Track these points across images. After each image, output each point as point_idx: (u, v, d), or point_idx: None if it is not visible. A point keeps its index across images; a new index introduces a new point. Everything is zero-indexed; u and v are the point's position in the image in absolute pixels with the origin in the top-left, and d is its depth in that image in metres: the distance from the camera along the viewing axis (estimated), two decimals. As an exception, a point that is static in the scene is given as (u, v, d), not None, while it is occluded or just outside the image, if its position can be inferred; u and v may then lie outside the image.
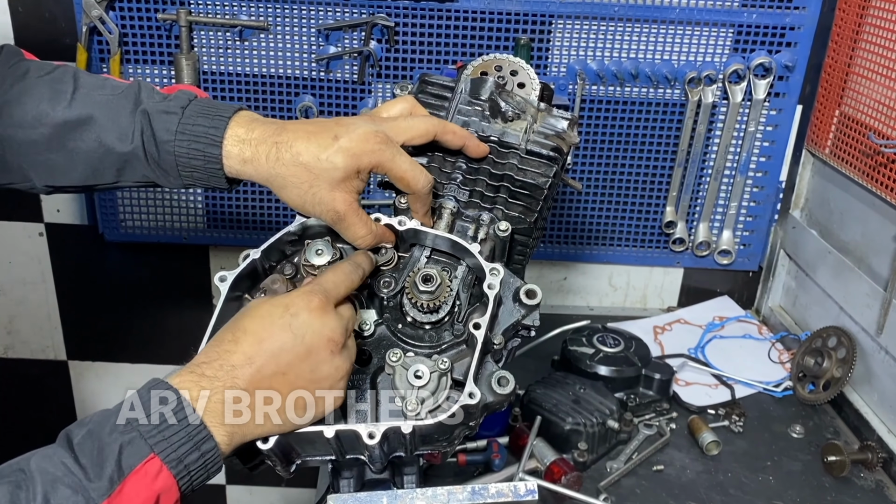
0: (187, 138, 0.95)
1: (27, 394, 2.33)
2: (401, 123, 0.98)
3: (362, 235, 0.96)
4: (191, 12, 1.80)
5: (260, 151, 0.93)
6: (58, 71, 1.02)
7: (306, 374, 0.85)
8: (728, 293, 2.17)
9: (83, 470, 0.73)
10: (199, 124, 0.95)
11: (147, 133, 0.96)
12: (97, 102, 0.98)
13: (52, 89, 0.98)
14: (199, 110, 0.96)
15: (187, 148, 0.95)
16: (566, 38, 1.86)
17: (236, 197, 2.00)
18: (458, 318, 0.98)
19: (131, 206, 2.02)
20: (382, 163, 0.94)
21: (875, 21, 1.65)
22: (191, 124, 0.95)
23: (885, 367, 1.63)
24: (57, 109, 0.97)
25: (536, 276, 2.16)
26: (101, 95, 0.98)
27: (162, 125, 0.95)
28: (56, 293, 2.18)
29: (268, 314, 0.85)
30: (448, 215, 1.03)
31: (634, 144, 1.97)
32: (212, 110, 0.96)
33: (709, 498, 1.48)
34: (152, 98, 0.98)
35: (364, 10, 1.80)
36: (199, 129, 0.94)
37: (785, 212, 2.01)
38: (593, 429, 1.51)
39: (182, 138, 0.95)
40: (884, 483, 1.53)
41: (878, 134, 1.62)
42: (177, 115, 0.95)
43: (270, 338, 0.84)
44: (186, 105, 0.96)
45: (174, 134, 0.95)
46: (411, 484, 1.04)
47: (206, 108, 0.96)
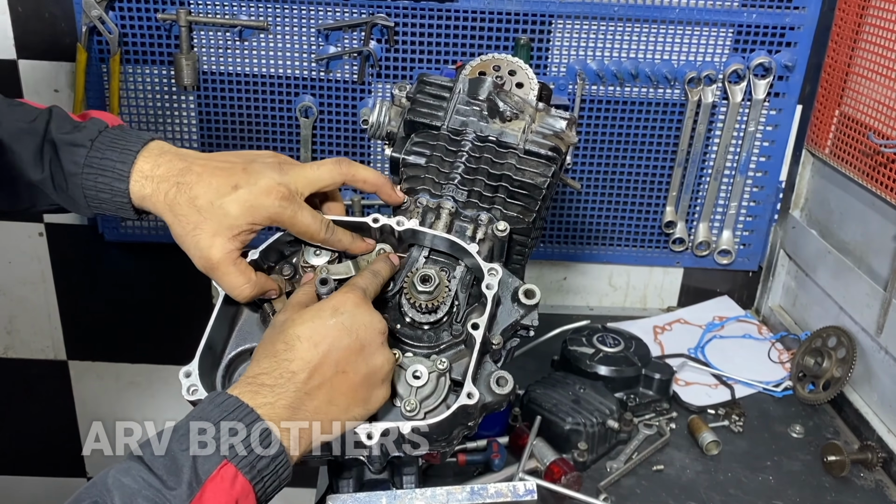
0: (94, 172, 0.93)
1: (27, 394, 2.33)
2: (307, 173, 0.97)
3: (238, 286, 0.94)
4: (191, 12, 1.80)
5: (160, 189, 0.92)
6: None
7: (363, 369, 0.86)
8: (728, 293, 2.17)
9: (161, 480, 0.73)
10: (107, 157, 0.93)
11: (55, 164, 0.95)
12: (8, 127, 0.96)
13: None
14: (108, 142, 0.94)
15: (94, 181, 0.94)
16: (566, 38, 1.86)
17: (236, 197, 2.00)
18: (457, 318, 0.98)
19: (131, 207, 2.02)
20: (282, 219, 0.94)
21: (875, 21, 1.65)
22: (98, 157, 0.93)
23: (885, 367, 1.63)
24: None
25: (536, 276, 2.16)
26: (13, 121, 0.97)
27: (69, 157, 0.94)
28: (56, 293, 2.18)
29: (318, 317, 0.86)
30: (446, 215, 1.03)
31: (634, 144, 1.97)
32: (120, 142, 0.94)
33: (709, 498, 1.48)
34: (62, 128, 0.96)
35: (364, 10, 1.80)
36: (107, 162, 0.93)
37: (785, 212, 2.01)
38: (593, 429, 1.51)
39: (89, 171, 0.93)
40: (884, 483, 1.53)
41: (878, 134, 1.61)
42: (85, 148, 0.94)
43: (326, 339, 0.84)
44: (95, 137, 0.95)
45: (81, 167, 0.94)
46: (410, 484, 1.04)
47: (115, 139, 0.95)
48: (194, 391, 0.88)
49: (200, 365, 0.90)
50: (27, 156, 0.95)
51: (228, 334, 0.97)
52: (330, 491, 1.05)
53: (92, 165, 0.93)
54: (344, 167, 0.99)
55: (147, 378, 2.31)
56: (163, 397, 2.34)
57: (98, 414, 2.37)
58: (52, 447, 2.38)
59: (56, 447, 2.38)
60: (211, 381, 0.92)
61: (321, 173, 0.98)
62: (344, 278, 0.99)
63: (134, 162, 0.93)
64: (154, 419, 2.49)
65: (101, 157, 0.93)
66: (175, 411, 2.33)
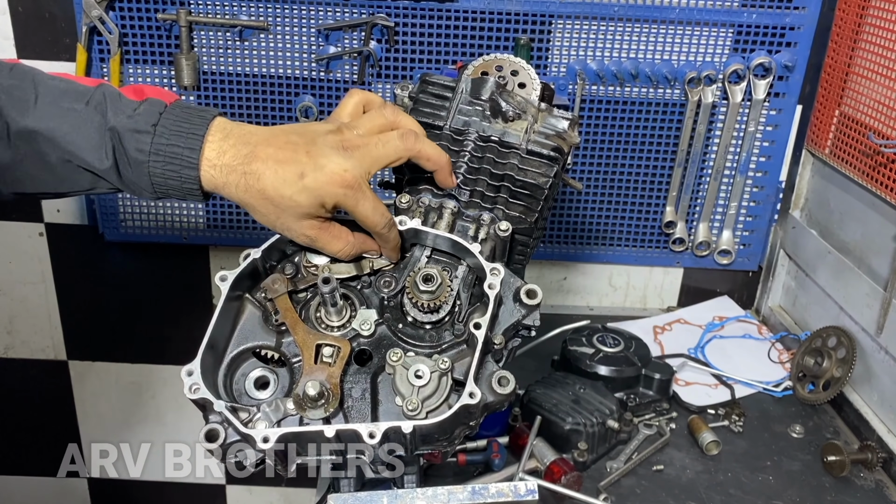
0: (162, 160, 0.92)
1: (27, 394, 2.33)
2: (372, 152, 0.95)
3: (339, 249, 0.97)
4: (191, 12, 1.80)
5: (230, 180, 0.92)
6: (15, 72, 0.96)
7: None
8: (728, 293, 2.18)
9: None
10: (174, 143, 0.92)
11: (119, 152, 0.93)
12: (63, 112, 0.93)
13: (12, 97, 0.93)
14: (171, 126, 0.93)
15: (163, 169, 0.92)
16: (566, 38, 1.86)
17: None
18: (459, 317, 0.98)
19: (131, 206, 2.02)
20: (345, 206, 0.94)
21: (875, 21, 1.65)
22: (165, 143, 0.92)
23: (885, 367, 1.63)
24: (22, 119, 0.92)
25: (536, 276, 2.16)
26: (66, 104, 0.94)
27: (134, 145, 0.92)
28: (56, 293, 2.18)
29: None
30: (448, 215, 1.03)
31: (634, 144, 1.97)
32: (185, 125, 0.93)
33: (709, 498, 1.48)
34: (120, 111, 0.93)
35: (364, 10, 1.81)
36: (175, 149, 0.92)
37: (785, 212, 2.01)
38: (593, 429, 1.51)
39: (157, 159, 0.92)
40: (884, 483, 1.53)
41: (878, 134, 1.62)
42: (149, 134, 0.92)
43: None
44: (157, 121, 0.93)
45: (148, 155, 0.92)
46: (411, 484, 1.05)
47: (177, 122, 0.93)
48: (196, 390, 0.88)
49: (202, 364, 0.89)
50: (87, 142, 0.93)
51: (230, 333, 0.97)
52: (331, 490, 1.05)
53: (158, 153, 0.92)
54: (409, 142, 0.97)
55: (147, 378, 2.31)
56: (163, 397, 2.34)
57: (98, 414, 2.38)
58: (52, 447, 2.37)
59: (56, 447, 2.37)
60: (212, 379, 0.92)
61: (387, 151, 0.96)
62: (346, 277, 0.99)
63: (202, 148, 0.92)
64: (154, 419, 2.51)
65: (166, 142, 0.92)
66: (175, 411, 2.34)
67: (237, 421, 0.87)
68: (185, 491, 2.41)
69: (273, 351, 0.97)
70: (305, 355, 0.93)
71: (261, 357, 0.97)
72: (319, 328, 0.96)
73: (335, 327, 0.97)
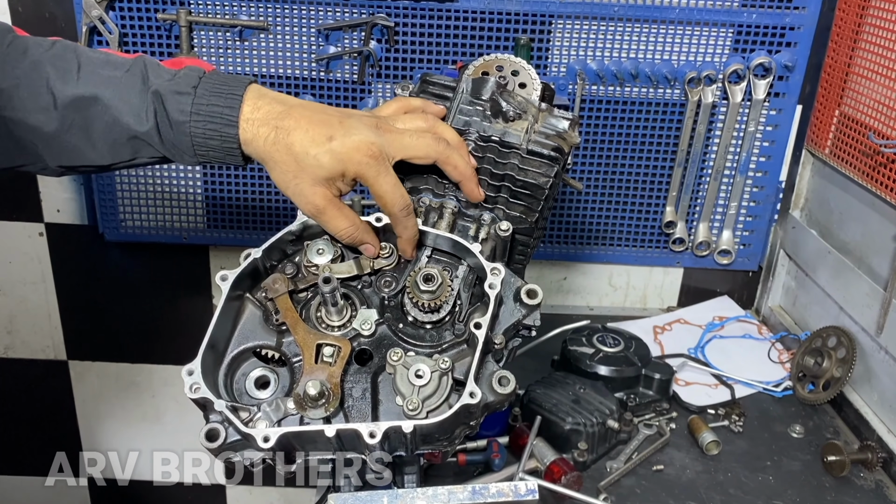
0: (203, 119, 0.94)
1: (27, 394, 2.33)
2: (404, 140, 0.97)
3: (343, 228, 0.97)
4: (191, 12, 1.80)
5: (260, 132, 0.94)
6: (57, 46, 0.99)
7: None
8: (728, 293, 2.18)
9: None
10: (214, 104, 0.94)
11: (161, 114, 0.95)
12: (105, 80, 0.96)
13: (56, 67, 0.96)
14: (210, 88, 0.95)
15: (203, 129, 0.95)
16: (566, 38, 1.86)
17: (237, 197, 2.00)
18: (459, 317, 0.98)
19: (131, 206, 2.02)
20: (366, 177, 0.94)
21: (875, 21, 1.65)
22: (205, 104, 0.94)
23: (885, 367, 1.63)
24: (66, 88, 0.95)
25: (536, 275, 2.16)
26: (107, 72, 0.97)
27: (175, 106, 0.95)
28: (56, 293, 2.18)
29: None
30: (449, 215, 1.03)
31: (634, 144, 1.97)
32: (224, 87, 0.96)
33: (709, 498, 1.48)
34: (160, 76, 0.97)
35: (364, 10, 1.81)
36: (215, 108, 0.94)
37: (785, 212, 2.01)
38: (593, 429, 1.51)
39: (197, 119, 0.94)
40: (884, 483, 1.53)
41: (878, 134, 1.62)
42: (189, 96, 0.95)
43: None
44: (197, 84, 0.96)
45: (189, 115, 0.94)
46: (412, 483, 1.05)
47: (217, 85, 0.96)
48: (197, 389, 0.88)
49: (203, 363, 0.89)
50: (129, 106, 0.95)
51: (231, 333, 0.97)
52: (331, 490, 1.05)
53: (199, 113, 0.94)
54: (442, 147, 0.99)
55: (147, 378, 2.31)
56: (163, 397, 2.34)
57: (98, 414, 2.38)
58: (52, 447, 2.38)
59: (56, 447, 2.37)
60: (213, 379, 0.92)
61: (419, 144, 0.98)
62: (347, 277, 0.99)
63: (240, 107, 0.94)
64: (154, 419, 2.51)
65: (206, 103, 0.94)
66: (175, 411, 2.34)
67: (238, 420, 0.87)
68: (185, 491, 2.41)
69: (273, 350, 0.97)
70: (306, 355, 0.93)
71: (261, 357, 0.97)
72: (320, 328, 0.97)
73: (336, 327, 0.97)
